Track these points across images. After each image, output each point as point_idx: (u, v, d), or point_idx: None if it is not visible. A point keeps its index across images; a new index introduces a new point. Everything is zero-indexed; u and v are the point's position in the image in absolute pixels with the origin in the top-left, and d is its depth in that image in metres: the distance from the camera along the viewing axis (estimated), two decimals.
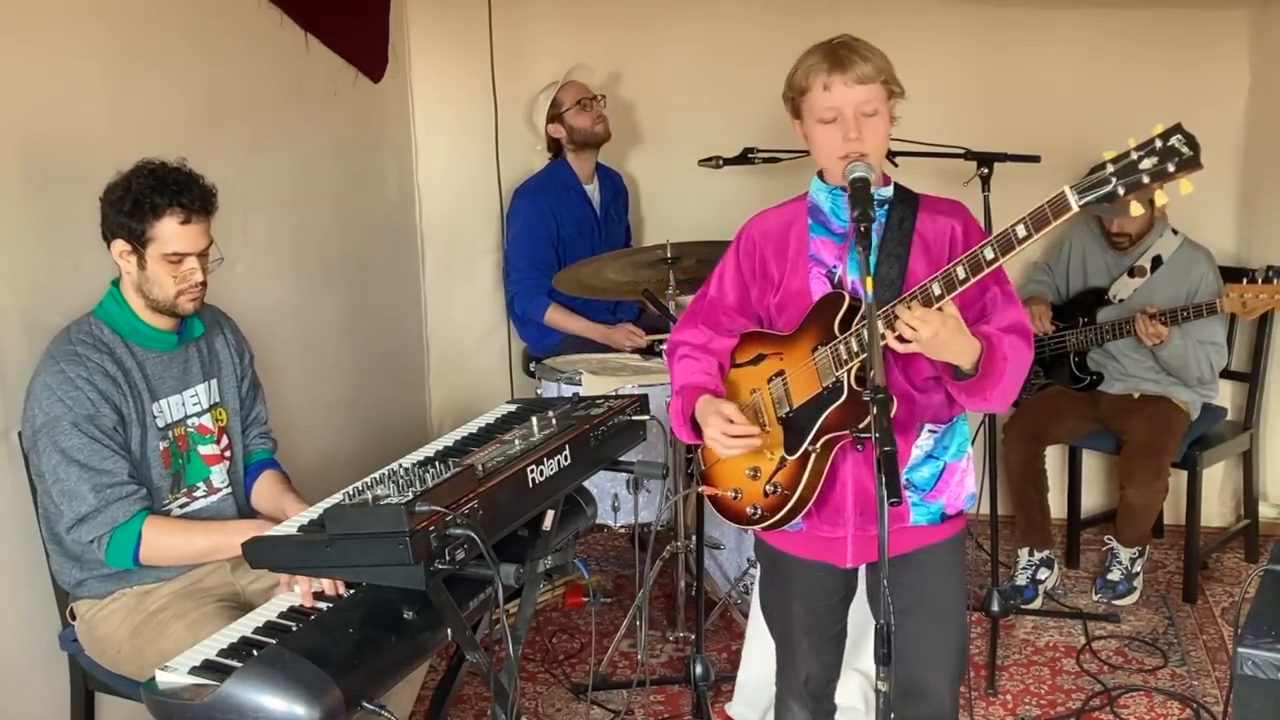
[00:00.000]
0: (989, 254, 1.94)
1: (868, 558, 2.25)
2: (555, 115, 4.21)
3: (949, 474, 2.22)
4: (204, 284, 2.47)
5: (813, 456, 2.15)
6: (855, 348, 2.08)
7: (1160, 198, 1.90)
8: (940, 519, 2.22)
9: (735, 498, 2.28)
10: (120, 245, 2.41)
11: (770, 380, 2.23)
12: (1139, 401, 3.87)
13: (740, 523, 2.30)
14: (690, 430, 2.26)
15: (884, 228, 2.13)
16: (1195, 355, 3.72)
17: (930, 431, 2.19)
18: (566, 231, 4.22)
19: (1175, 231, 3.85)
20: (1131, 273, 3.85)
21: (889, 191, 2.18)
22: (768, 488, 2.21)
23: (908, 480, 2.19)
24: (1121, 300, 3.86)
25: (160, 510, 2.48)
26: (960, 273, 1.97)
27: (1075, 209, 1.87)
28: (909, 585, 2.15)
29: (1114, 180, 1.85)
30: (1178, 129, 1.83)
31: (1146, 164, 1.83)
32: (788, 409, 2.20)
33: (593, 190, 4.33)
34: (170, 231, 2.39)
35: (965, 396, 2.10)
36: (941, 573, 2.24)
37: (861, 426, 2.09)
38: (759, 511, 2.23)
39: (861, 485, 2.18)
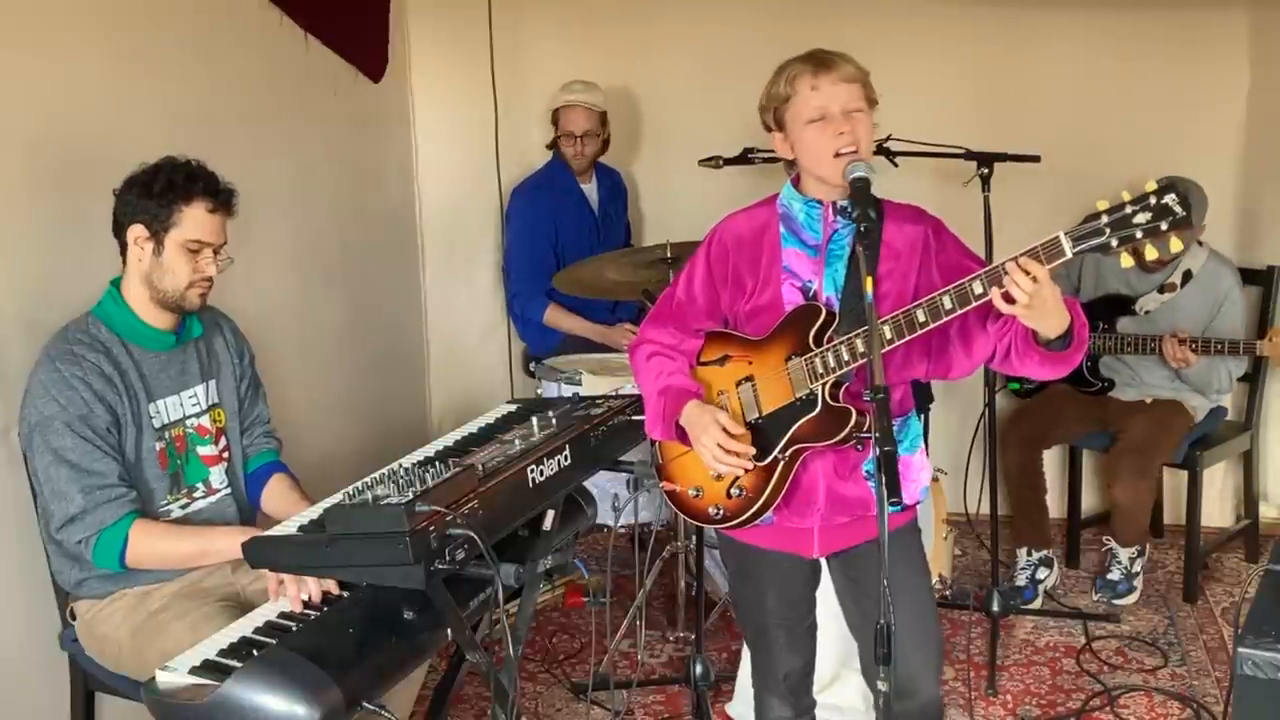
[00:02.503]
0: (977, 288, 1.98)
1: (834, 547, 2.28)
2: (554, 121, 4.23)
3: (904, 466, 2.25)
4: (211, 281, 2.49)
5: (780, 464, 2.18)
6: (832, 363, 2.10)
7: (1150, 252, 1.93)
8: (900, 508, 2.23)
9: (696, 496, 2.29)
10: (138, 230, 2.42)
11: (739, 384, 2.23)
12: (1149, 405, 3.87)
13: (700, 521, 2.32)
14: (672, 430, 2.25)
15: (854, 238, 2.12)
16: (1216, 370, 3.76)
17: None
18: (565, 231, 4.22)
19: (1201, 243, 3.83)
20: (1162, 289, 3.83)
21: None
22: (733, 490, 2.23)
23: (870, 472, 2.20)
24: (1148, 313, 3.84)
25: (160, 510, 2.47)
26: (946, 303, 2.01)
27: (1069, 255, 1.91)
28: (873, 573, 2.16)
29: (1108, 232, 1.89)
30: (1172, 187, 1.87)
31: (1140, 219, 1.88)
32: (756, 415, 2.21)
33: (590, 189, 4.33)
34: (197, 218, 2.42)
35: (1049, 367, 2.08)
36: (907, 554, 2.27)
37: (855, 426, 2.11)
38: (722, 512, 2.25)
39: (830, 479, 2.21)
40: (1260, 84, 4.14)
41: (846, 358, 2.08)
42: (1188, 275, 3.80)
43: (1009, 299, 1.94)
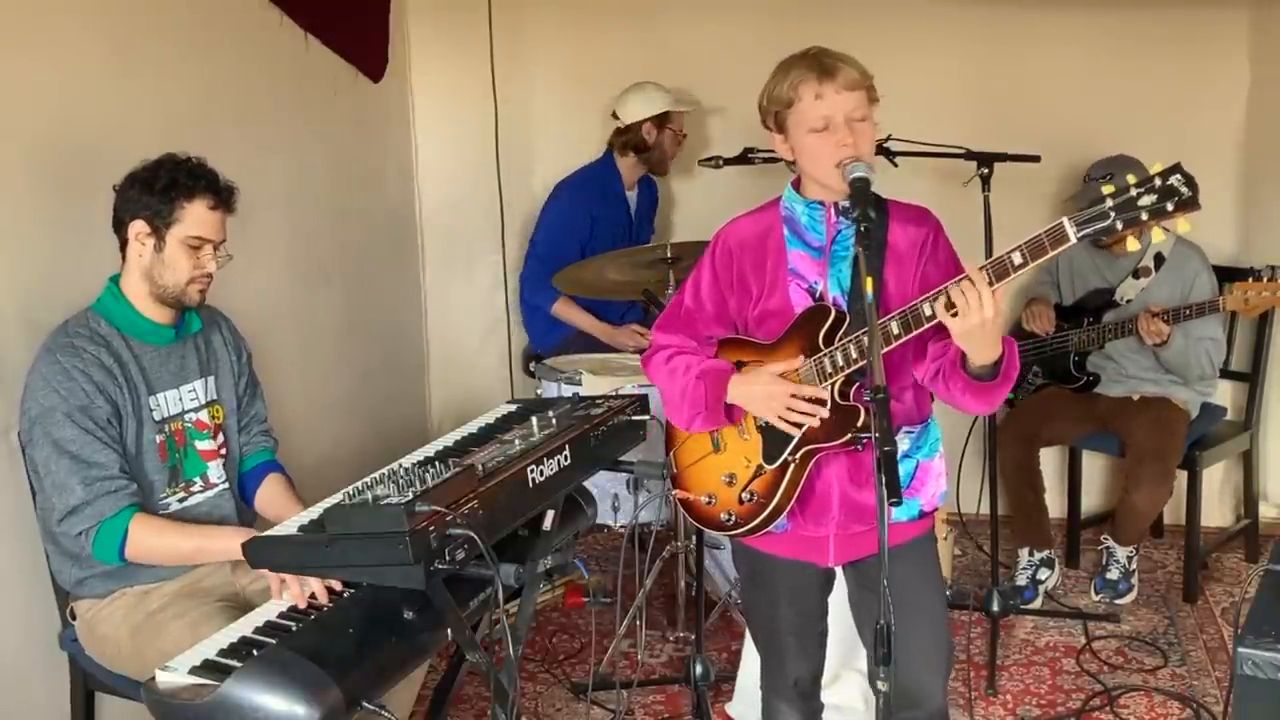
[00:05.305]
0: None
1: (849, 556, 2.27)
2: (662, 123, 4.16)
3: (923, 472, 2.25)
4: (211, 277, 2.50)
5: (791, 467, 2.17)
6: (840, 361, 2.10)
7: (1157, 235, 1.93)
8: (918, 515, 2.25)
9: (709, 503, 2.29)
10: (139, 226, 2.43)
11: None
12: (1139, 404, 3.87)
13: (713, 528, 2.32)
14: (721, 413, 2.22)
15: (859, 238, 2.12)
16: (1195, 352, 3.72)
17: (907, 432, 2.22)
18: (600, 232, 4.19)
19: (1166, 229, 3.83)
20: (1136, 274, 3.84)
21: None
22: (744, 495, 2.23)
23: None
24: (1129, 301, 3.85)
25: (158, 504, 2.48)
26: (926, 309, 2.00)
27: (1073, 240, 1.90)
28: (891, 581, 2.16)
29: (1112, 215, 1.88)
30: (1177, 168, 1.87)
31: (1145, 201, 1.87)
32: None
33: (633, 196, 4.34)
34: (198, 215, 2.44)
35: (970, 396, 2.09)
36: (921, 567, 2.27)
37: (859, 427, 2.11)
38: (733, 518, 2.25)
39: (845, 485, 2.20)
40: (1260, 82, 4.14)
41: (855, 356, 2.08)
42: (1160, 259, 3.80)
43: (951, 306, 1.95)
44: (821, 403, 2.12)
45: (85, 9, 2.77)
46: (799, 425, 2.13)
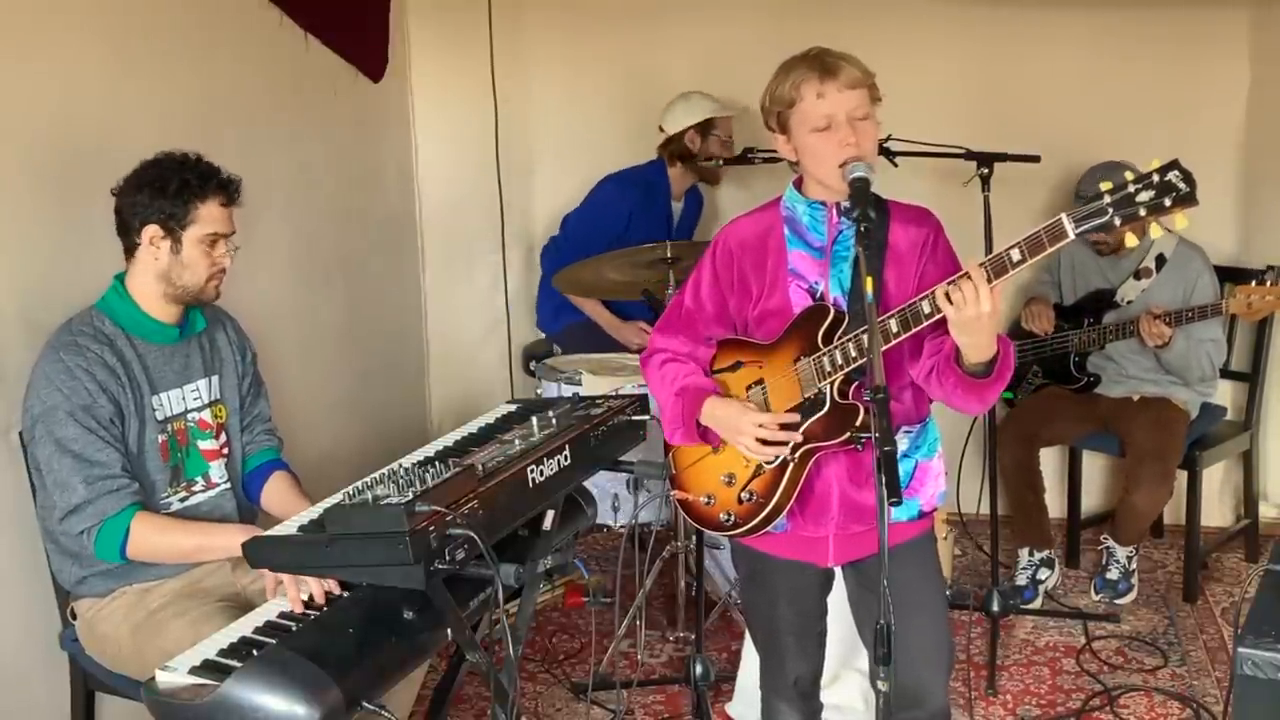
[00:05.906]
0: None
1: (849, 556, 2.27)
2: (705, 130, 4.13)
3: (922, 472, 2.25)
4: (225, 271, 2.52)
5: (790, 466, 2.17)
6: (840, 360, 2.10)
7: (1155, 231, 1.93)
8: (918, 515, 2.25)
9: (708, 503, 2.29)
10: (153, 230, 2.43)
11: (749, 388, 2.23)
12: (1139, 404, 3.87)
13: (713, 529, 2.32)
14: (694, 431, 2.26)
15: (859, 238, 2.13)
16: (1196, 354, 3.72)
17: (905, 432, 2.23)
18: (636, 233, 4.16)
19: (1168, 230, 3.83)
20: (1137, 275, 3.84)
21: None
22: (743, 495, 2.23)
23: None
24: (1130, 302, 3.85)
25: (159, 503, 2.48)
26: (925, 307, 2.01)
27: (1071, 237, 1.90)
28: (892, 582, 2.17)
29: (1110, 211, 1.89)
30: (1175, 165, 1.87)
31: (1143, 197, 1.87)
32: None
33: (678, 208, 4.33)
34: (212, 214, 2.46)
35: (963, 393, 2.09)
36: (922, 566, 2.27)
37: (859, 426, 2.11)
38: (733, 518, 2.25)
39: (845, 485, 2.20)
40: (1260, 82, 4.14)
41: (854, 354, 2.08)
42: (1161, 260, 3.80)
43: (949, 298, 1.95)
44: (793, 428, 2.14)
45: (85, 9, 2.77)
46: (783, 445, 2.15)
